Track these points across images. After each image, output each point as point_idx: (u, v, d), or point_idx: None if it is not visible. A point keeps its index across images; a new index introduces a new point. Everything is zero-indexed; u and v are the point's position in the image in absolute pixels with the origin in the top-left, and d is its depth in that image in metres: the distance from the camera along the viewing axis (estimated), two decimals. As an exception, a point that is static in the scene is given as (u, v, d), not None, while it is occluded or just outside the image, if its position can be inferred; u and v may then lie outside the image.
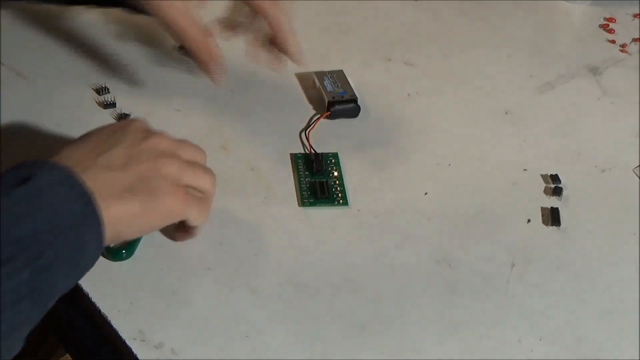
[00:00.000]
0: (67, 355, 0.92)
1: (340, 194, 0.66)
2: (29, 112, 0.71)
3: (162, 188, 0.55)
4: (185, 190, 0.57)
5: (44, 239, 0.47)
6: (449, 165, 0.71)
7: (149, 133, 0.58)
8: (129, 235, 0.56)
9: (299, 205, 0.65)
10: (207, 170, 0.60)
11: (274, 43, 0.69)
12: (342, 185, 0.67)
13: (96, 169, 0.53)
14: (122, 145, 0.56)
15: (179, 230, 0.60)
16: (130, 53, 0.79)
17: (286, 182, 0.67)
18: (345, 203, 0.66)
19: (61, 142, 0.68)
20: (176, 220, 0.57)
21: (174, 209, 0.56)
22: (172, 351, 0.54)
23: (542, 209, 0.67)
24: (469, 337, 0.57)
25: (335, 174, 0.68)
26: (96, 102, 0.73)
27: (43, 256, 0.47)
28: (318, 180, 0.67)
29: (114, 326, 0.55)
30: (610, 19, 0.92)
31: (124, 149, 0.55)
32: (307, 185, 0.67)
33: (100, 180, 0.52)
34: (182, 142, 0.60)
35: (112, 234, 0.52)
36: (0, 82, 0.74)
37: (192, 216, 0.57)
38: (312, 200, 0.66)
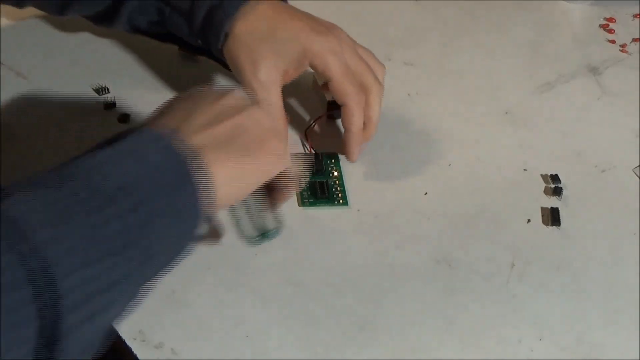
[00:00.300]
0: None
1: (340, 194, 0.66)
2: (29, 112, 0.71)
3: (261, 134, 0.53)
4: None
5: (137, 192, 0.45)
6: (449, 165, 0.71)
7: (220, 92, 0.55)
8: (238, 194, 0.53)
9: (299, 205, 0.65)
10: None
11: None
12: (342, 185, 0.67)
13: (188, 131, 0.50)
14: (203, 106, 0.52)
15: (276, 192, 0.59)
16: (130, 53, 0.79)
17: (286, 182, 0.67)
18: (345, 203, 0.66)
19: (62, 142, 0.68)
20: (280, 168, 0.55)
21: (278, 154, 0.54)
22: (172, 351, 0.54)
23: (542, 209, 0.67)
24: (469, 337, 0.57)
25: (335, 174, 0.68)
26: (96, 102, 0.73)
27: (137, 211, 0.44)
28: (318, 181, 0.67)
29: (113, 326, 0.55)
30: (610, 19, 0.92)
31: (207, 108, 0.52)
32: (307, 185, 0.67)
33: (197, 140, 0.49)
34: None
35: (222, 195, 0.49)
36: (0, 82, 0.74)
37: (290, 164, 0.56)
38: (312, 200, 0.66)
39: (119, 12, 0.70)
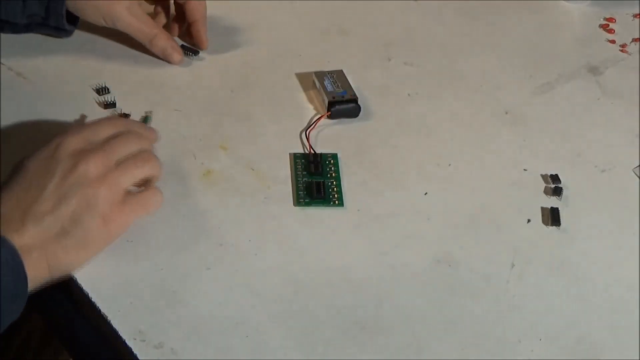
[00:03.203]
0: None
1: (336, 195, 0.66)
2: (29, 112, 0.71)
3: (93, 221, 0.57)
4: (123, 202, 0.59)
5: None
6: (449, 165, 0.71)
7: (78, 155, 0.58)
8: (72, 268, 0.57)
9: (294, 205, 0.65)
10: (145, 159, 0.61)
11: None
12: (339, 186, 0.67)
13: (27, 225, 0.55)
14: (51, 184, 0.57)
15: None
16: (130, 53, 0.79)
17: (286, 182, 0.67)
18: (341, 204, 0.66)
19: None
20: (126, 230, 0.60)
21: (115, 232, 0.59)
22: (172, 351, 0.54)
23: (542, 209, 0.67)
24: (469, 337, 0.57)
25: (334, 174, 0.68)
26: (96, 102, 0.73)
27: None
28: (315, 181, 0.67)
29: (114, 326, 0.55)
30: (610, 19, 0.92)
31: (52, 189, 0.57)
32: (304, 185, 0.67)
33: (33, 237, 0.55)
34: (116, 138, 0.61)
35: (55, 272, 0.56)
36: (0, 82, 0.74)
37: (143, 214, 0.61)
38: (307, 200, 0.66)
39: None
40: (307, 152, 0.70)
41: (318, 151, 0.70)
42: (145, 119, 0.70)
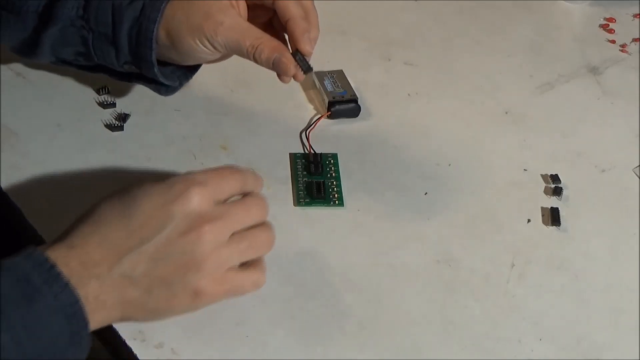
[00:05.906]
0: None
1: (336, 195, 0.66)
2: (29, 112, 0.71)
3: (184, 293, 0.52)
4: (221, 280, 0.53)
5: None
6: (449, 165, 0.71)
7: (196, 220, 0.52)
8: (143, 321, 0.54)
9: (295, 205, 0.65)
10: (261, 239, 0.55)
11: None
12: (339, 186, 0.67)
13: (113, 272, 0.50)
14: (156, 238, 0.51)
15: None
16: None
17: (286, 182, 0.67)
18: (341, 204, 0.66)
19: (61, 142, 0.68)
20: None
21: (200, 307, 0.53)
22: (172, 351, 0.54)
23: (542, 209, 0.67)
24: (469, 337, 0.57)
25: (334, 174, 0.68)
26: (96, 102, 0.73)
27: None
28: (315, 181, 0.67)
29: (114, 326, 0.55)
30: (610, 19, 0.92)
31: (155, 245, 0.51)
32: (304, 185, 0.67)
33: (114, 287, 0.50)
34: (239, 206, 0.54)
35: (125, 320, 0.53)
36: (0, 82, 0.73)
37: (236, 296, 0.55)
38: (307, 200, 0.66)
39: (40, 42, 0.65)
40: (307, 152, 0.70)
41: (318, 151, 0.70)
42: None
